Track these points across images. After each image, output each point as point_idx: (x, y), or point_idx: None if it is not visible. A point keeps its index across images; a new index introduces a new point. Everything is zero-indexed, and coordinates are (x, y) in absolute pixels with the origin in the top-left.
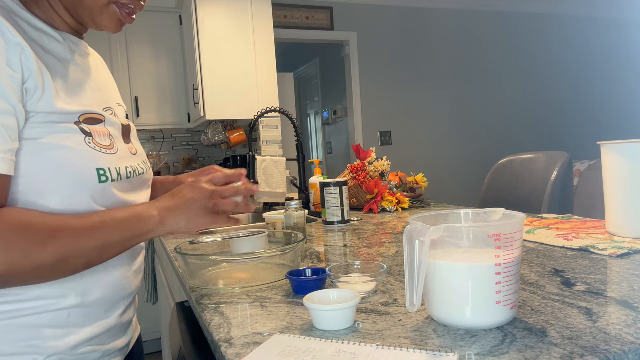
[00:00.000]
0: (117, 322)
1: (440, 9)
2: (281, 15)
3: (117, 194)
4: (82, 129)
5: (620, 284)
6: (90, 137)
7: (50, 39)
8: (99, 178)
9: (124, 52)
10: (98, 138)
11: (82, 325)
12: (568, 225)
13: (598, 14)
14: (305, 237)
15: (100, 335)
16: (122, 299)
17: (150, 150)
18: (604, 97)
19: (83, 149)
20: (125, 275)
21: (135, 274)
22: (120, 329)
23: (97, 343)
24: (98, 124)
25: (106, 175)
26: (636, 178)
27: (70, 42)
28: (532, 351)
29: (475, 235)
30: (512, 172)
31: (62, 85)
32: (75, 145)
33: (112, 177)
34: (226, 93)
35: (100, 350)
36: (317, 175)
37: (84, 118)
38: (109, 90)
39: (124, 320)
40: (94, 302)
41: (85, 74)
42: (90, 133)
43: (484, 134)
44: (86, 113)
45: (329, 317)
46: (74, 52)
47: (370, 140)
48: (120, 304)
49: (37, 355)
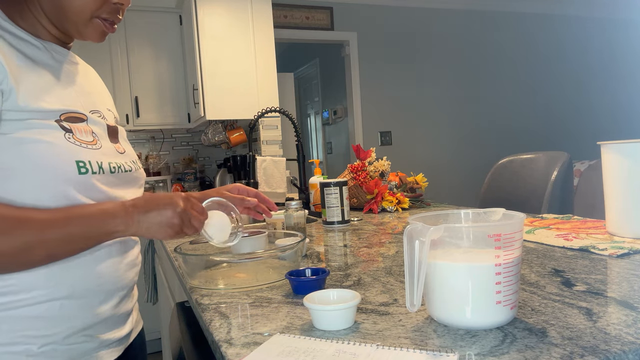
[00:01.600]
0: (112, 313)
1: (440, 9)
2: (281, 15)
3: (102, 187)
4: (62, 126)
5: (620, 284)
6: (70, 133)
7: (31, 46)
8: (79, 170)
9: (124, 52)
10: (79, 134)
11: (75, 316)
12: (568, 225)
13: (598, 14)
14: (305, 236)
15: (95, 325)
16: (116, 291)
17: (150, 150)
18: (604, 97)
19: (62, 143)
20: (116, 267)
21: (128, 267)
22: (117, 320)
23: (91, 333)
24: (79, 122)
25: (86, 167)
26: (636, 178)
27: (53, 50)
28: (532, 351)
29: (475, 235)
30: (512, 172)
31: (43, 86)
32: (54, 140)
33: (93, 169)
34: (226, 93)
35: (95, 341)
36: (317, 175)
37: (65, 116)
38: (98, 96)
39: (120, 312)
40: (85, 293)
41: (70, 78)
42: (70, 129)
43: (484, 133)
44: (67, 112)
45: (329, 317)
46: (57, 59)
47: (370, 140)
48: (114, 296)
49: (31, 345)
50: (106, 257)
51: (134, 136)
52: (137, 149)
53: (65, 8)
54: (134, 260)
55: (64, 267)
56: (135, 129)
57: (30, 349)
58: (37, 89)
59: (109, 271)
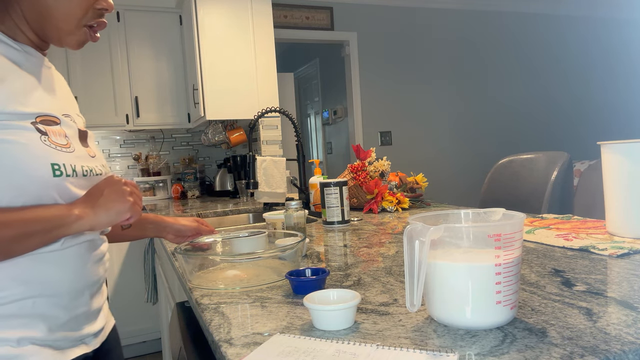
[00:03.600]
0: (85, 309)
1: (440, 9)
2: (281, 15)
3: (74, 190)
4: (38, 129)
5: (620, 284)
6: (45, 135)
7: (10, 49)
8: (54, 172)
9: (124, 52)
10: (54, 137)
11: (48, 313)
12: (568, 225)
13: (598, 13)
14: (305, 236)
15: (69, 322)
16: (86, 287)
17: (150, 150)
18: (604, 97)
19: (37, 145)
20: (85, 264)
21: (97, 264)
22: (90, 315)
23: (67, 329)
24: (54, 125)
25: (60, 170)
26: (636, 178)
27: (31, 54)
28: (532, 351)
29: (475, 235)
30: (512, 172)
31: (20, 88)
32: (29, 142)
33: (67, 172)
34: (226, 93)
35: (72, 336)
36: (317, 175)
37: (40, 119)
38: (68, 101)
39: (93, 308)
40: (55, 291)
41: (45, 82)
42: (45, 132)
43: (484, 133)
44: (42, 115)
45: (329, 317)
46: (34, 63)
47: (370, 140)
48: (85, 292)
49: (10, 342)
50: (75, 254)
51: (134, 136)
52: (137, 148)
53: (51, 16)
54: (102, 257)
55: (34, 266)
56: (135, 129)
57: (7, 349)
58: (15, 91)
59: (79, 268)
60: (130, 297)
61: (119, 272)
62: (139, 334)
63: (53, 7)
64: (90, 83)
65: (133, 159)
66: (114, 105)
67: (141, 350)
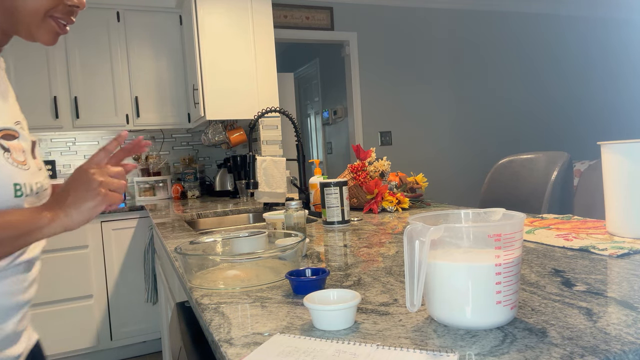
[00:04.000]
0: (13, 329)
1: (440, 9)
2: (281, 15)
3: None
4: (1, 145)
5: (620, 284)
6: (8, 152)
7: None
8: (15, 193)
9: (124, 52)
10: (15, 154)
11: None
12: (568, 225)
13: (598, 14)
14: (305, 236)
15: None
16: (19, 307)
17: (150, 150)
18: (604, 97)
19: (2, 164)
20: (21, 284)
21: (31, 284)
22: (15, 337)
23: None
24: (14, 140)
25: (21, 190)
26: (636, 178)
27: None
28: (532, 351)
29: (475, 235)
30: (512, 172)
31: None
32: None
33: (26, 192)
34: (226, 93)
35: None
36: (317, 175)
37: (2, 134)
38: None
39: (20, 329)
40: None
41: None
42: (8, 149)
43: (484, 134)
44: (4, 129)
45: (329, 317)
46: None
47: (370, 140)
48: (17, 312)
49: None
50: (12, 275)
51: (134, 136)
52: None
53: (18, 9)
54: (36, 277)
55: None
56: (135, 129)
57: None
58: None
59: (13, 287)
60: (130, 297)
61: (119, 272)
62: (139, 334)
63: (20, 2)
64: (90, 83)
65: (133, 159)
66: (114, 105)
67: (141, 350)
